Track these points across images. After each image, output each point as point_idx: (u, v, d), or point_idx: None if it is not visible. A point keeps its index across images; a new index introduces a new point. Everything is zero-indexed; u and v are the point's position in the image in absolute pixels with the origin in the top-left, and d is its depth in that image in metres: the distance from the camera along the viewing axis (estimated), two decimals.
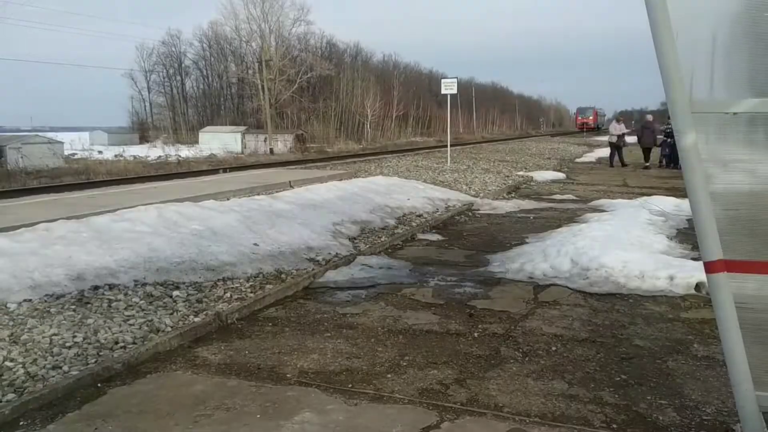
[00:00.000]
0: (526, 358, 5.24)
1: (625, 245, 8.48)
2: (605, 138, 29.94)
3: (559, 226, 11.10)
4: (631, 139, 26.87)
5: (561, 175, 21.88)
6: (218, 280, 7.29)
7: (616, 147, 25.60)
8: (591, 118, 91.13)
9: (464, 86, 78.39)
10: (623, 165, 25.22)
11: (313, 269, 8.01)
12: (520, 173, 21.27)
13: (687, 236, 9.90)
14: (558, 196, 16.09)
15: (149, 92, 69.31)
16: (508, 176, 20.03)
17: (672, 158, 24.33)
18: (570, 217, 12.28)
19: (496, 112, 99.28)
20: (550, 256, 8.34)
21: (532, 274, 7.93)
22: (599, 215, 11.87)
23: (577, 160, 30.44)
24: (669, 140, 24.57)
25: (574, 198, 15.73)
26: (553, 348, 5.47)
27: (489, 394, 4.55)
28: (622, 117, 28.10)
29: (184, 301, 6.48)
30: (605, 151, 34.64)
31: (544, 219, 12.36)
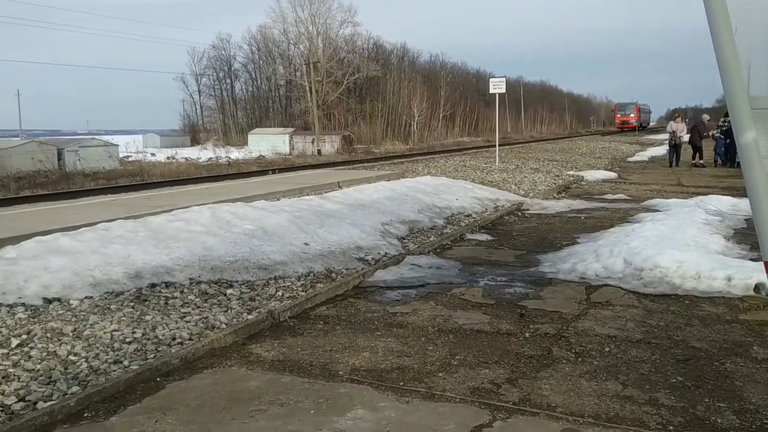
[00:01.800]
0: (579, 359, 5.18)
1: (680, 245, 8.30)
2: (658, 136, 29.21)
3: (611, 225, 10.93)
4: (687, 137, 26.16)
5: (612, 175, 21.52)
6: (270, 278, 7.41)
7: (675, 146, 24.92)
8: (632, 115, 79.55)
9: (512, 85, 77.79)
10: (676, 164, 24.54)
11: (362, 268, 8.07)
12: (571, 173, 21.00)
13: (745, 236, 9.64)
14: (609, 196, 15.83)
15: (200, 95, 70.87)
16: (558, 176, 19.80)
17: (728, 156, 23.65)
18: (622, 217, 12.08)
19: (544, 111, 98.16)
20: (602, 256, 8.22)
21: (584, 274, 7.83)
22: (653, 215, 11.64)
23: (629, 159, 29.88)
24: (722, 138, 23.88)
25: (626, 197, 15.45)
26: (607, 349, 5.40)
27: (541, 393, 4.52)
28: (678, 114, 27.25)
29: (237, 299, 6.61)
30: (658, 150, 33.97)
31: (596, 219, 12.18)
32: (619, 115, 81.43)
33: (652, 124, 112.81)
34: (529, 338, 5.68)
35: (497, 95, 22.11)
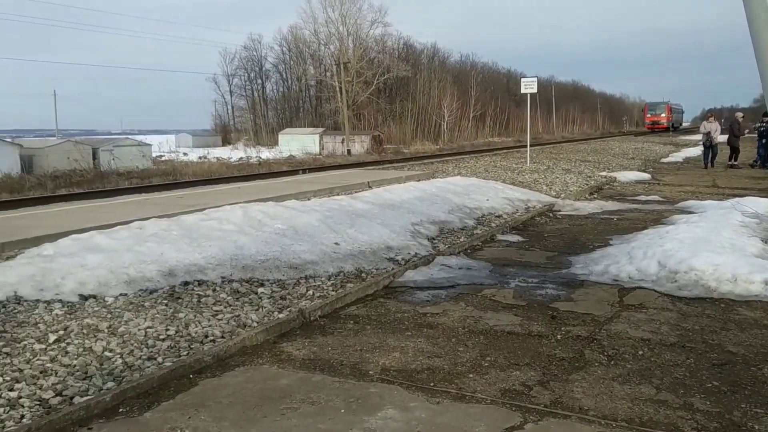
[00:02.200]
0: (612, 362, 5.12)
1: (716, 248, 8.15)
2: (693, 137, 28.64)
3: (645, 227, 10.79)
4: (722, 138, 25.64)
5: (646, 176, 21.22)
6: (301, 278, 7.45)
7: (709, 146, 24.45)
8: (663, 115, 75.35)
9: (544, 85, 77.19)
10: (711, 165, 24.07)
11: (392, 269, 8.08)
12: (603, 173, 20.76)
13: None
14: (643, 197, 15.62)
15: (231, 96, 71.57)
16: (590, 177, 19.59)
17: (765, 158, 23.17)
18: (656, 219, 11.91)
19: (576, 111, 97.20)
20: (635, 258, 8.11)
21: (616, 276, 7.74)
22: (687, 217, 11.45)
23: (663, 160, 29.44)
24: (760, 139, 23.40)
25: (660, 199, 15.23)
26: (640, 352, 5.33)
27: (573, 396, 4.48)
28: (712, 114, 26.72)
29: (268, 298, 6.67)
30: (693, 151, 33.42)
31: (629, 220, 12.03)
32: (649, 115, 77.46)
33: (685, 124, 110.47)
34: (560, 340, 5.63)
35: (529, 95, 21.96)
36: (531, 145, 26.18)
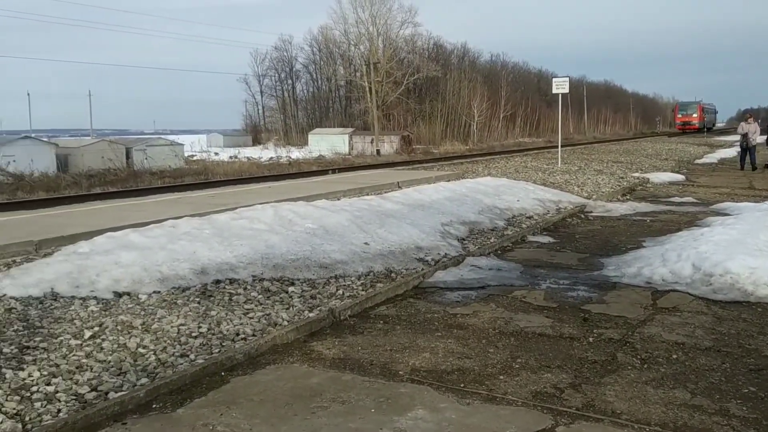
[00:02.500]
0: (645, 365, 5.05)
1: (753, 251, 7.98)
2: (728, 138, 27.97)
3: (679, 229, 10.63)
4: (761, 139, 25.02)
5: (679, 177, 20.90)
6: (331, 277, 7.48)
7: (746, 148, 23.85)
8: (695, 115, 71.85)
9: (575, 85, 76.36)
10: (753, 168, 23.36)
11: (422, 269, 8.07)
12: (636, 175, 20.49)
13: None
14: (676, 199, 15.38)
15: (262, 96, 72.04)
16: (622, 177, 19.35)
17: None
18: (690, 221, 11.73)
19: (608, 112, 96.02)
20: (669, 260, 7.99)
21: (650, 279, 7.63)
22: (723, 219, 11.24)
23: (697, 161, 28.96)
24: None
25: (695, 201, 14.99)
26: (674, 356, 5.25)
27: (606, 400, 4.43)
28: (751, 115, 26.07)
29: (299, 297, 6.70)
30: (728, 152, 32.82)
31: (662, 222, 11.86)
32: (679, 116, 74.04)
33: (719, 125, 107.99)
34: (592, 343, 5.57)
35: (560, 95, 21.78)
36: (562, 146, 25.94)
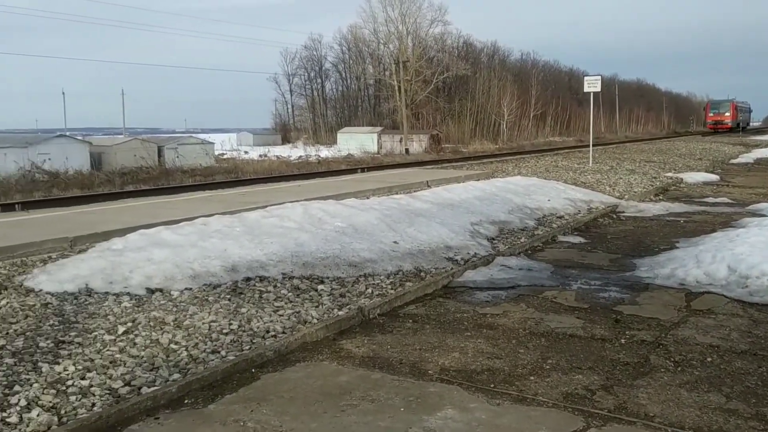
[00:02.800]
0: (679, 368, 4.98)
1: None
2: (764, 137, 27.26)
3: (713, 230, 10.44)
4: None
5: (714, 177, 20.54)
6: (360, 276, 7.49)
7: None
8: (727, 114, 68.47)
9: (607, 84, 75.27)
10: None
11: (452, 268, 8.04)
12: (669, 174, 20.19)
13: None
14: (711, 199, 15.12)
15: (291, 95, 72.42)
16: (655, 177, 19.08)
17: None
18: (725, 221, 11.52)
19: (640, 111, 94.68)
20: (703, 262, 7.85)
21: (683, 280, 7.51)
22: (759, 220, 11.02)
23: (732, 161, 28.44)
24: None
25: (730, 201, 14.72)
26: (709, 359, 5.16)
27: (638, 402, 4.36)
28: None
29: (328, 295, 6.72)
30: (765, 152, 32.16)
31: (696, 223, 11.66)
32: (711, 114, 70.39)
33: (755, 124, 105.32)
34: (624, 344, 5.50)
35: (591, 94, 21.56)
36: (594, 145, 25.65)
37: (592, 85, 21.01)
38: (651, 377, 4.80)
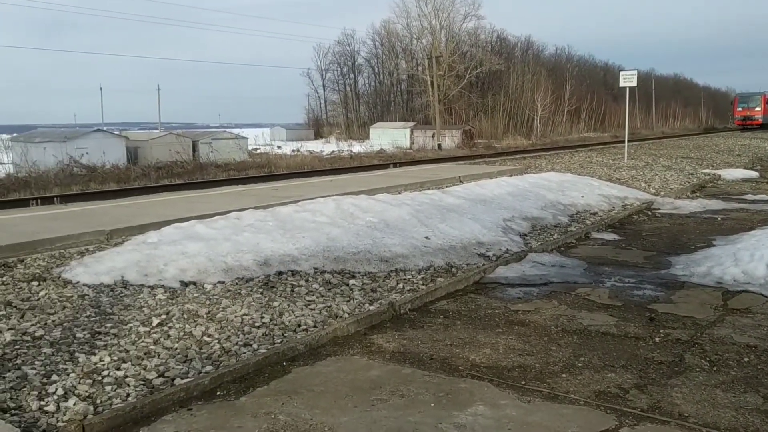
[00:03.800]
0: (714, 368, 4.88)
1: None
2: None
3: (752, 228, 10.22)
4: None
5: (753, 174, 20.08)
6: (391, 271, 7.50)
7: None
8: (758, 108, 60.99)
9: (643, 79, 74.06)
10: None
11: (483, 264, 8.00)
12: (706, 171, 19.80)
13: None
14: (750, 196, 14.79)
15: (324, 90, 72.65)
16: (692, 174, 18.73)
17: None
18: (764, 219, 11.27)
19: (677, 106, 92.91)
20: (741, 260, 7.69)
21: (720, 279, 7.37)
22: None
23: None
24: None
25: None
26: (746, 359, 5.06)
27: (672, 402, 4.30)
28: None
29: (359, 290, 6.74)
30: None
31: (734, 220, 11.42)
32: (739, 109, 62.61)
33: None
34: (659, 343, 5.42)
35: (627, 89, 21.23)
36: (629, 141, 25.26)
37: (627, 80, 20.67)
38: (686, 377, 4.72)
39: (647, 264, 8.28)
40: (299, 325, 5.69)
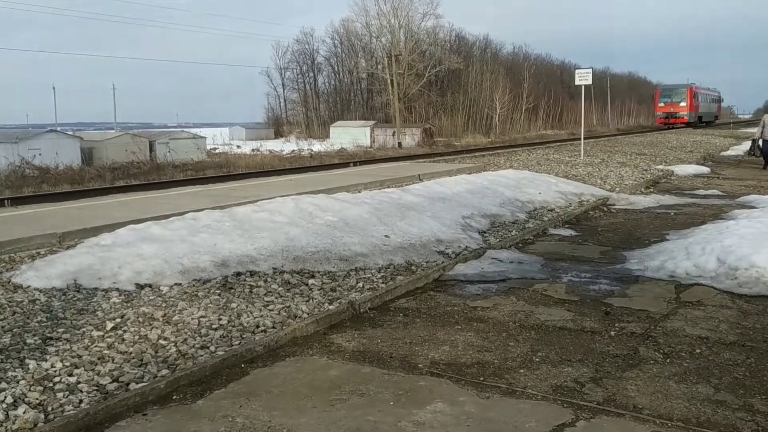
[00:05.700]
0: (668, 360, 4.99)
1: None
2: (754, 129, 26.77)
3: (703, 222, 10.47)
4: None
5: (705, 169, 20.60)
6: (351, 270, 7.48)
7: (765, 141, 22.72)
8: (683, 104, 52.74)
9: (598, 77, 75.34)
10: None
11: (443, 262, 8.03)
12: (660, 167, 20.24)
13: None
14: (701, 192, 15.17)
15: (284, 89, 72.32)
16: (646, 170, 19.12)
17: None
18: (715, 214, 11.55)
19: (632, 103, 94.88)
20: (693, 254, 7.87)
21: (673, 272, 7.53)
22: (748, 212, 11.07)
23: (723, 153, 28.54)
24: None
25: (720, 193, 14.77)
26: (698, 350, 5.17)
27: (627, 394, 4.37)
28: None
29: (319, 290, 6.71)
30: None
31: (686, 215, 11.70)
32: (661, 105, 54.47)
33: (744, 116, 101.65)
34: (614, 337, 5.51)
35: (583, 87, 21.56)
36: (585, 138, 25.67)
37: (583, 77, 21.00)
38: (640, 369, 4.81)
39: (603, 259, 8.42)
40: (258, 326, 5.63)
